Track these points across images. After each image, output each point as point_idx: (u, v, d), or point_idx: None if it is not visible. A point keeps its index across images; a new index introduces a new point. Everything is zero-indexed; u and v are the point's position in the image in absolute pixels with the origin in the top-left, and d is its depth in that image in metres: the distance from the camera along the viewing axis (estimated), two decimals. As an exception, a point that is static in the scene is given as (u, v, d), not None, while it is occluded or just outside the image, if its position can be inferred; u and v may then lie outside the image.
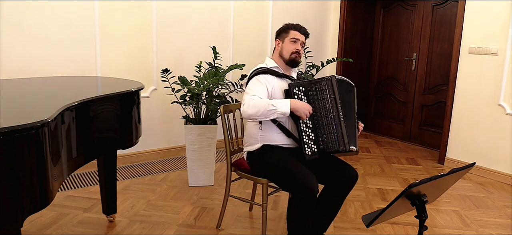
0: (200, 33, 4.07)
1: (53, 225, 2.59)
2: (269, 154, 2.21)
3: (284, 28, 2.35)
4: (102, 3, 3.45)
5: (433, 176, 1.46)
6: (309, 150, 2.14)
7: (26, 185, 1.40)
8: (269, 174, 2.22)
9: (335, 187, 2.21)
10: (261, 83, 2.20)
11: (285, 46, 2.31)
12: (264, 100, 2.11)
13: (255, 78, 2.23)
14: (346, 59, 4.25)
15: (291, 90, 2.17)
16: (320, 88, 2.18)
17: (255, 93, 2.16)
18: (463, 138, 4.03)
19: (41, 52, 3.23)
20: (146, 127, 3.72)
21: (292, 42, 2.29)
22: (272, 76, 2.25)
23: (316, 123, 2.16)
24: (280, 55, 2.33)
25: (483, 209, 3.12)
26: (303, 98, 2.17)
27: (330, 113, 2.16)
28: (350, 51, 5.11)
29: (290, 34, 2.31)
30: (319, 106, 2.17)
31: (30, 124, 1.40)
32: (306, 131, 2.15)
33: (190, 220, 2.75)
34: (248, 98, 2.13)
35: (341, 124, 2.16)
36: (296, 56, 2.29)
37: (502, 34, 3.66)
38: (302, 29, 2.34)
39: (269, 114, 2.10)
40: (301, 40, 2.31)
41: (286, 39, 2.31)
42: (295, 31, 2.31)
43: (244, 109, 2.13)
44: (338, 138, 2.15)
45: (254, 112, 2.09)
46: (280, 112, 2.10)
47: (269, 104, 2.08)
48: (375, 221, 1.52)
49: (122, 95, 2.19)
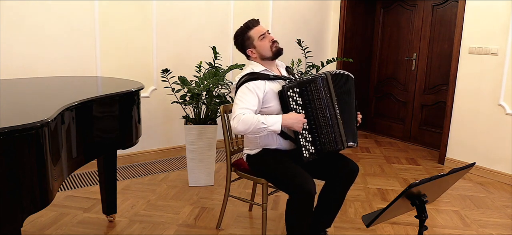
0: (200, 33, 4.07)
1: (53, 225, 2.59)
2: (268, 157, 2.20)
3: (243, 37, 2.23)
4: (102, 3, 3.45)
5: (433, 176, 1.46)
6: (307, 152, 2.11)
7: (26, 185, 1.40)
8: (268, 176, 2.22)
9: (336, 182, 2.20)
10: (251, 92, 2.09)
11: (260, 47, 2.20)
12: (254, 118, 2.01)
13: (244, 87, 2.11)
14: (346, 59, 4.25)
15: (285, 93, 2.07)
16: (315, 87, 2.10)
17: (245, 105, 2.06)
18: (463, 138, 4.03)
19: (41, 52, 3.23)
20: (146, 127, 3.72)
21: (262, 40, 2.19)
22: (262, 81, 2.14)
23: (312, 124, 2.11)
24: (262, 58, 2.23)
25: (483, 209, 3.12)
26: (297, 100, 2.10)
27: (326, 113, 2.11)
28: (350, 51, 5.11)
29: (254, 36, 2.20)
30: (315, 106, 2.10)
31: (30, 124, 1.40)
32: (303, 133, 2.10)
33: (190, 220, 2.75)
34: (238, 113, 2.04)
35: (338, 122, 2.13)
36: (276, 46, 2.20)
37: (502, 34, 3.66)
38: (254, 21, 2.25)
39: (259, 132, 2.03)
40: (265, 31, 2.21)
41: (255, 42, 2.20)
42: (252, 29, 2.20)
43: (233, 125, 2.03)
44: (336, 137, 2.12)
45: (244, 130, 2.02)
46: (271, 131, 2.04)
47: (259, 122, 2.00)
48: (375, 221, 1.52)
49: (122, 95, 2.19)
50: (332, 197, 2.23)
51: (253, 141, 2.26)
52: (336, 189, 2.21)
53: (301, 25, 4.89)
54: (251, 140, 2.28)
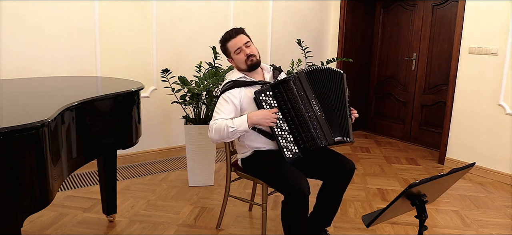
0: (200, 33, 4.07)
1: (53, 225, 2.59)
2: (260, 160, 2.21)
3: (222, 47, 2.30)
4: (102, 3, 3.46)
5: (433, 176, 1.46)
6: (289, 153, 2.11)
7: (26, 185, 1.40)
8: (262, 178, 2.23)
9: (333, 181, 2.20)
10: (226, 102, 2.17)
11: (236, 60, 2.25)
12: (223, 124, 2.08)
13: (221, 98, 2.20)
14: (346, 59, 4.25)
15: (258, 98, 2.11)
16: (288, 87, 2.09)
17: (219, 116, 2.14)
18: (463, 138, 4.03)
19: (41, 52, 3.23)
20: (146, 127, 3.73)
21: (237, 54, 2.22)
22: (238, 89, 2.19)
23: (291, 124, 2.10)
24: (239, 70, 2.28)
25: (483, 209, 3.12)
26: (272, 103, 2.11)
27: (303, 111, 2.09)
28: (350, 51, 5.11)
29: (230, 49, 2.24)
30: (291, 106, 2.10)
31: (30, 124, 1.40)
32: (282, 134, 2.11)
33: (190, 220, 2.75)
34: (211, 124, 2.13)
35: (319, 119, 2.10)
36: (252, 60, 2.21)
37: (502, 34, 3.66)
38: (233, 32, 2.25)
39: (232, 136, 2.09)
40: (242, 44, 2.21)
41: (232, 54, 2.25)
42: (231, 41, 2.23)
43: (209, 135, 2.14)
44: (318, 134, 2.09)
45: (218, 138, 2.11)
46: (241, 131, 2.08)
47: (227, 127, 2.06)
48: (375, 221, 1.52)
49: (122, 95, 2.19)
50: (330, 196, 2.23)
51: (243, 144, 2.28)
52: (333, 188, 2.21)
53: (301, 25, 4.89)
54: (240, 144, 2.30)
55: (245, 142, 2.25)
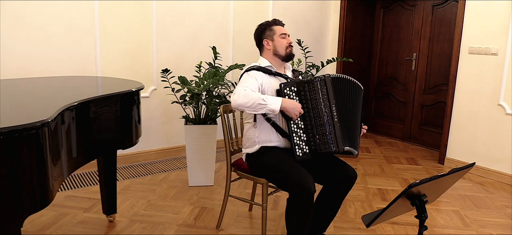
0: (200, 33, 4.08)
1: (53, 225, 2.59)
2: (267, 155, 2.21)
3: (266, 27, 2.34)
4: (102, 3, 3.45)
5: (433, 176, 1.46)
6: (300, 151, 2.12)
7: (26, 185, 1.40)
8: (267, 175, 2.23)
9: (333, 187, 2.20)
10: (251, 77, 2.19)
11: (277, 43, 2.30)
12: (255, 94, 2.07)
13: (246, 74, 2.23)
14: (346, 59, 4.25)
15: (282, 90, 2.13)
16: (312, 87, 2.13)
17: (246, 86, 2.14)
18: (463, 138, 4.03)
19: (41, 52, 3.23)
20: (146, 127, 3.73)
21: (282, 38, 2.30)
22: (264, 74, 2.24)
23: (307, 124, 2.12)
24: (274, 53, 2.31)
25: (483, 209, 3.12)
26: (294, 99, 2.13)
27: (322, 114, 2.12)
28: (350, 51, 5.11)
29: (276, 31, 2.31)
30: (312, 106, 2.13)
31: (30, 124, 1.40)
32: (297, 132, 2.13)
33: (190, 220, 2.75)
34: (239, 89, 2.11)
35: (334, 125, 2.12)
36: (290, 50, 2.31)
37: (502, 34, 3.66)
38: (282, 23, 2.38)
39: (258, 108, 2.06)
40: (287, 32, 2.33)
41: (275, 36, 2.31)
42: (279, 26, 2.34)
43: (234, 98, 2.08)
44: (331, 139, 2.11)
45: (244, 102, 2.05)
46: (270, 109, 2.06)
47: (260, 98, 2.05)
48: (375, 221, 1.52)
49: (122, 95, 2.19)
50: (329, 202, 2.24)
51: (251, 138, 2.27)
52: (333, 194, 2.22)
53: (301, 25, 4.89)
54: (248, 137, 2.29)
55: (256, 134, 2.25)
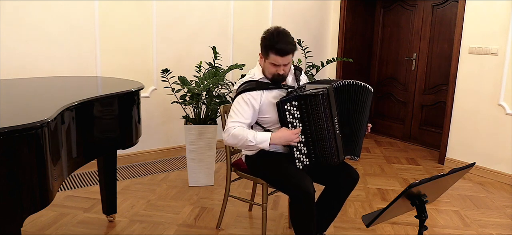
0: (200, 33, 4.07)
1: (53, 225, 2.59)
2: (265, 158, 2.20)
3: (265, 45, 2.10)
4: (102, 3, 3.45)
5: (433, 176, 1.46)
6: (301, 164, 2.09)
7: (26, 185, 1.40)
8: (266, 178, 2.23)
9: (335, 188, 2.20)
10: (246, 104, 2.09)
11: (266, 66, 2.13)
12: (244, 133, 2.03)
13: (240, 98, 2.11)
14: (346, 59, 4.25)
15: (282, 107, 2.03)
16: (314, 102, 2.02)
17: (238, 119, 2.08)
18: (463, 138, 4.03)
19: (41, 52, 3.23)
20: (146, 127, 3.72)
21: (272, 65, 2.10)
22: (259, 92, 2.11)
23: (309, 137, 2.06)
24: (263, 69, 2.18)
25: (483, 209, 3.12)
26: (295, 113, 2.05)
27: (324, 128, 2.05)
28: (350, 51, 5.11)
29: (270, 57, 2.08)
30: (313, 120, 2.03)
31: (30, 124, 1.40)
32: (298, 146, 2.07)
33: (190, 220, 2.75)
34: (229, 126, 2.08)
35: (336, 137, 2.08)
36: (278, 77, 2.11)
37: (502, 34, 3.66)
38: (283, 51, 2.04)
39: (249, 148, 2.10)
40: (282, 64, 2.08)
41: (267, 60, 2.11)
42: (275, 56, 2.05)
43: (224, 137, 2.11)
44: (332, 152, 2.07)
45: (233, 143, 2.09)
46: (260, 148, 2.07)
47: (247, 140, 2.03)
48: (375, 221, 1.52)
49: (122, 95, 2.19)
50: (330, 203, 2.23)
51: None
52: (335, 195, 2.21)
53: (301, 25, 4.88)
54: None
55: None
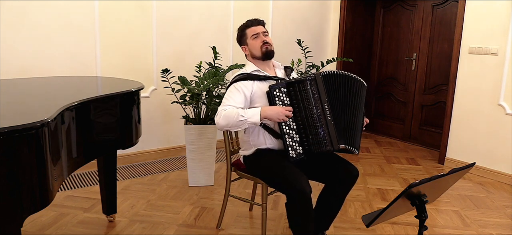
0: (200, 33, 4.08)
1: (53, 225, 2.59)
2: (262, 158, 2.20)
3: (240, 33, 2.32)
4: (102, 2, 3.45)
5: (433, 176, 1.46)
6: (294, 152, 2.09)
7: (26, 185, 1.40)
8: (262, 177, 2.23)
9: (335, 185, 2.19)
10: (238, 91, 2.15)
11: (251, 46, 2.27)
12: (234, 111, 2.06)
13: (232, 86, 2.18)
14: (346, 59, 4.25)
15: (271, 93, 2.09)
16: (303, 87, 2.09)
17: (229, 103, 2.12)
18: (463, 138, 4.03)
19: (41, 52, 3.23)
20: (146, 127, 3.73)
21: (254, 39, 2.25)
22: (251, 81, 2.19)
23: (300, 124, 2.09)
24: (252, 57, 2.29)
25: (483, 209, 3.12)
26: (285, 100, 2.10)
27: (314, 114, 2.09)
28: (350, 51, 5.11)
29: (248, 34, 2.27)
30: (303, 106, 2.09)
31: (30, 124, 1.40)
32: (289, 133, 2.09)
33: (190, 220, 2.75)
34: (220, 109, 2.11)
35: (328, 124, 2.09)
36: (266, 47, 2.24)
37: (502, 34, 3.66)
38: (255, 21, 2.30)
39: (240, 125, 2.07)
40: (261, 31, 2.26)
41: (248, 40, 2.27)
42: (249, 28, 2.28)
43: (216, 120, 2.11)
44: (325, 138, 2.08)
45: (225, 124, 2.08)
46: (251, 122, 2.06)
47: (238, 115, 2.04)
48: (375, 221, 1.52)
49: (122, 95, 2.19)
50: (331, 200, 2.22)
51: (246, 141, 2.28)
52: (335, 192, 2.20)
53: (301, 25, 4.89)
54: (244, 140, 2.30)
55: (250, 138, 2.24)
